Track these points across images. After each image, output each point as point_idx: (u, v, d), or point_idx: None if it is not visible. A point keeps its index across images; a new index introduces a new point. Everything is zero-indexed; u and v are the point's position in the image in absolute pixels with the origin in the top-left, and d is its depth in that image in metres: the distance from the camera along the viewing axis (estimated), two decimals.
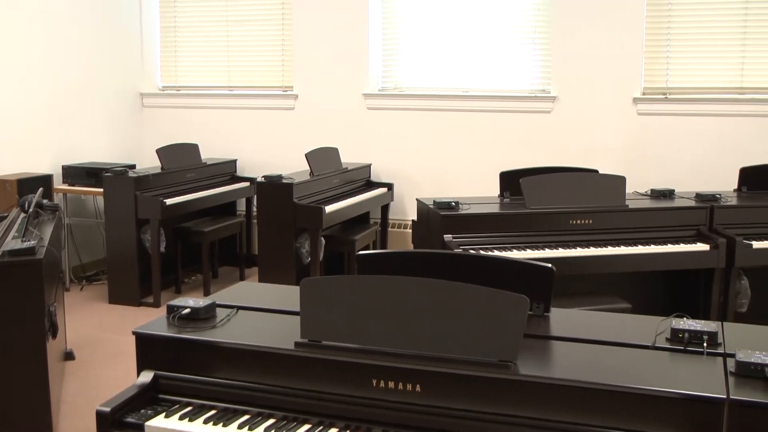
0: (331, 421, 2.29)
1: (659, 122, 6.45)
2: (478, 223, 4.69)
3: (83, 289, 6.71)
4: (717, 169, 6.22)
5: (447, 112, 6.99)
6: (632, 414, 2.06)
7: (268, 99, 7.56)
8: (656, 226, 4.90)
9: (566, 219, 4.78)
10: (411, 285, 2.27)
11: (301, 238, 5.92)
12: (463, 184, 6.86)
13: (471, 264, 2.66)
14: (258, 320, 2.63)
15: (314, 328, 2.35)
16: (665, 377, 2.12)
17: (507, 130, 6.82)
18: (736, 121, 6.26)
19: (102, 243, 6.89)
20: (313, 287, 2.35)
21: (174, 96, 7.89)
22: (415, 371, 2.21)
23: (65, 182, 6.68)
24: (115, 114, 7.56)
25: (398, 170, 7.18)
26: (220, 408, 2.40)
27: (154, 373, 2.48)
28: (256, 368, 2.38)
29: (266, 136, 7.56)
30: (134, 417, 2.36)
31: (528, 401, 2.13)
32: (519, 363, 2.20)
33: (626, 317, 2.74)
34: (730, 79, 6.32)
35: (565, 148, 6.64)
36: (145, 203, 6.06)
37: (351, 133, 7.28)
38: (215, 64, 7.78)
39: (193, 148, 7.01)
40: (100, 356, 5.09)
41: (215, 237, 6.74)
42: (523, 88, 6.86)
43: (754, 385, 2.07)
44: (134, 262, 6.17)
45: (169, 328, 2.53)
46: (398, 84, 7.23)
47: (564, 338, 2.45)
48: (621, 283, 5.07)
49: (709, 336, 2.34)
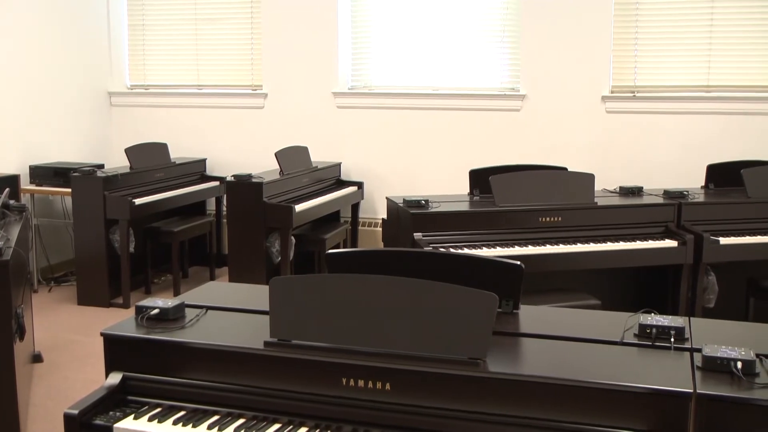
0: (301, 420, 2.28)
1: (628, 120, 6.51)
2: (447, 221, 4.70)
3: (51, 291, 6.65)
4: (685, 166, 6.28)
5: (417, 111, 7.00)
6: (601, 409, 2.07)
7: (238, 98, 7.53)
8: (625, 223, 4.94)
9: (536, 216, 4.80)
10: (380, 283, 2.27)
11: (271, 238, 5.90)
12: (432, 182, 6.88)
13: (440, 262, 2.66)
14: (227, 320, 2.62)
15: (284, 327, 2.34)
16: (633, 372, 2.14)
17: (476, 128, 6.85)
18: (703, 118, 6.33)
19: (70, 244, 6.83)
20: (282, 286, 2.35)
21: (142, 95, 7.83)
22: (385, 369, 2.21)
23: (32, 182, 6.61)
24: (83, 113, 7.49)
25: (368, 169, 7.18)
26: (190, 409, 2.39)
27: (122, 374, 2.46)
28: (225, 368, 2.36)
29: (236, 135, 7.53)
30: (103, 419, 2.34)
31: (498, 398, 2.14)
32: (488, 360, 2.20)
33: (595, 313, 2.76)
34: (697, 77, 6.38)
35: (535, 145, 6.68)
36: (113, 203, 6.01)
37: (321, 131, 7.26)
38: (184, 62, 7.74)
39: (162, 147, 6.96)
40: (68, 358, 5.05)
41: (185, 237, 6.70)
42: (492, 86, 6.88)
43: (721, 379, 2.09)
44: (103, 262, 6.11)
45: (138, 329, 2.51)
46: (368, 83, 7.23)
47: (533, 335, 2.46)
48: (590, 280, 5.10)
49: (677, 331, 2.36)
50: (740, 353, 2.15)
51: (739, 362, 2.11)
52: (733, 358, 2.12)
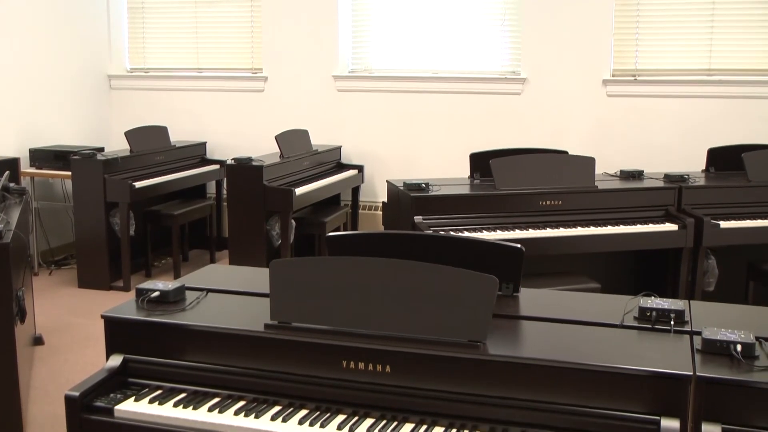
0: (301, 402, 2.29)
1: (628, 104, 6.49)
2: (448, 204, 4.70)
3: (52, 274, 6.65)
4: (685, 149, 6.27)
5: (417, 94, 6.98)
6: (601, 392, 2.08)
7: (238, 81, 7.51)
8: (625, 207, 4.94)
9: (536, 200, 4.79)
10: (381, 266, 2.27)
11: (271, 221, 5.90)
12: (433, 165, 6.87)
13: (440, 245, 2.66)
14: (227, 303, 2.62)
15: (284, 309, 2.34)
16: (633, 355, 2.14)
17: (477, 111, 6.83)
18: (704, 102, 6.31)
19: (71, 227, 6.82)
20: (282, 269, 2.35)
21: (142, 78, 7.81)
22: (385, 352, 2.21)
23: (32, 165, 6.60)
24: (83, 96, 7.47)
25: (369, 152, 7.17)
26: (190, 391, 2.39)
27: (123, 356, 2.47)
28: (225, 351, 2.37)
29: (236, 119, 7.52)
30: (104, 401, 2.35)
31: (497, 380, 2.14)
32: (488, 343, 2.21)
33: (595, 296, 2.77)
34: (699, 60, 6.36)
35: (535, 129, 6.67)
36: (113, 186, 6.01)
37: (321, 115, 7.25)
38: (183, 45, 7.71)
39: (162, 130, 6.95)
40: (69, 341, 5.06)
41: (185, 220, 6.70)
42: (493, 69, 6.86)
43: (720, 361, 2.09)
44: (103, 245, 6.12)
45: (138, 311, 2.52)
46: (368, 66, 7.21)
47: (533, 318, 2.46)
48: (590, 264, 5.11)
49: (676, 314, 2.37)
50: (740, 336, 2.15)
51: (738, 345, 2.11)
52: (732, 341, 2.13)
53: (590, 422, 2.08)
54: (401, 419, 2.20)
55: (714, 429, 1.99)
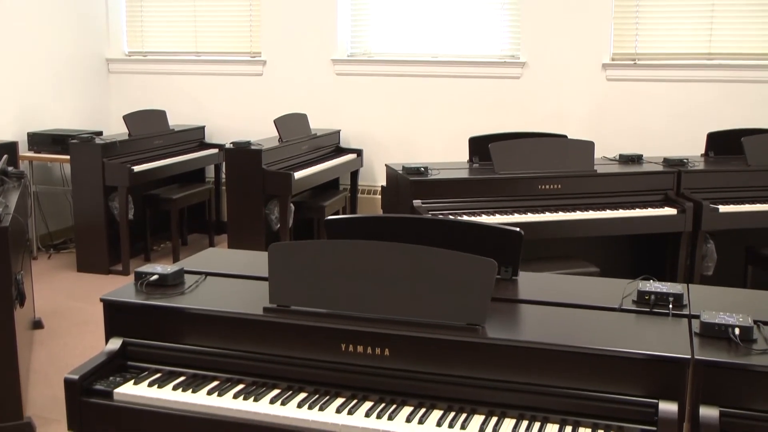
0: (300, 385, 2.30)
1: (628, 88, 6.47)
2: (447, 188, 4.69)
3: (51, 258, 6.65)
4: (685, 134, 6.27)
5: (416, 78, 6.96)
6: (599, 375, 2.08)
7: (236, 65, 7.48)
8: (624, 191, 4.93)
9: (535, 184, 4.79)
10: (379, 249, 2.27)
11: (270, 205, 5.89)
12: (432, 149, 6.86)
13: (439, 228, 2.66)
14: (226, 286, 2.62)
15: (283, 293, 2.34)
16: (631, 338, 2.15)
17: (476, 95, 6.82)
18: (704, 86, 6.29)
19: (69, 211, 6.81)
20: (281, 252, 2.34)
21: (140, 62, 7.78)
22: (384, 335, 2.21)
23: (31, 149, 6.58)
24: (81, 80, 7.45)
25: (367, 136, 7.16)
26: (189, 374, 2.40)
27: (122, 340, 2.47)
28: (224, 334, 2.37)
29: (234, 103, 7.50)
30: (103, 384, 2.35)
31: (496, 364, 2.15)
32: (487, 326, 2.21)
33: (593, 280, 2.77)
34: (699, 44, 6.34)
35: (534, 113, 6.65)
36: (112, 170, 6.00)
37: (320, 99, 7.23)
38: (182, 29, 7.68)
39: (160, 114, 6.94)
40: (68, 325, 5.06)
41: (184, 204, 6.69)
42: (492, 53, 6.84)
43: (718, 345, 2.10)
44: (102, 229, 6.12)
45: (137, 294, 2.52)
46: (367, 50, 7.19)
47: (532, 301, 2.46)
48: (589, 248, 5.11)
49: (675, 298, 2.37)
50: (738, 319, 2.15)
51: (736, 328, 2.11)
52: (730, 324, 2.13)
53: (588, 405, 2.08)
54: (400, 402, 2.21)
55: (712, 412, 2.00)
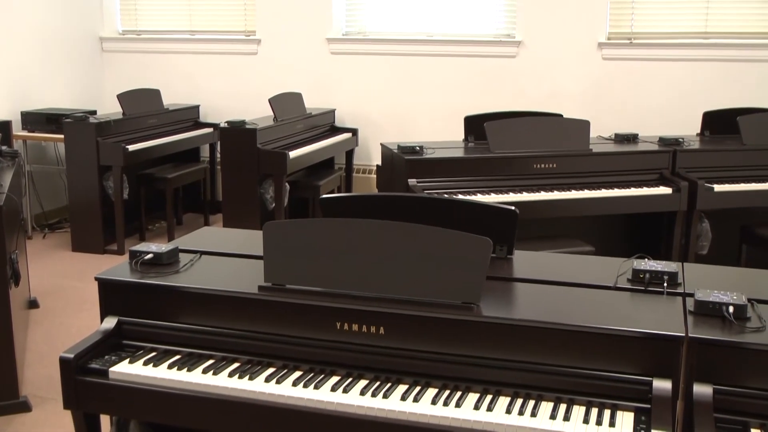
0: (295, 364, 2.30)
1: (624, 67, 6.46)
2: (442, 167, 4.68)
3: (46, 237, 6.64)
4: (681, 113, 6.26)
5: (411, 57, 6.94)
6: (594, 353, 2.09)
7: (231, 44, 7.45)
8: (620, 170, 4.93)
9: (530, 163, 4.78)
10: (374, 228, 2.27)
11: (265, 184, 5.88)
12: (427, 128, 6.84)
13: (434, 207, 2.66)
14: (221, 265, 2.62)
15: (278, 271, 2.34)
16: (626, 317, 2.15)
17: (472, 74, 6.79)
18: (700, 65, 6.28)
19: (64, 190, 6.80)
20: (276, 231, 2.34)
21: (134, 40, 7.74)
22: (379, 314, 2.22)
23: (24, 129, 6.55)
24: (75, 59, 7.41)
25: (363, 115, 7.14)
26: (185, 353, 2.40)
27: (117, 319, 2.47)
28: (219, 313, 2.37)
29: (229, 82, 7.47)
30: (98, 363, 2.35)
31: (491, 342, 2.15)
32: (482, 305, 2.21)
33: (588, 259, 2.77)
34: (695, 23, 6.32)
35: (530, 92, 6.64)
36: (106, 150, 5.98)
37: (315, 78, 7.21)
38: (176, 7, 7.63)
39: (154, 93, 6.91)
40: (64, 304, 5.06)
41: (179, 183, 6.68)
42: (488, 32, 6.81)
43: (712, 323, 2.10)
44: (97, 209, 6.10)
45: (132, 273, 2.51)
46: (362, 28, 7.15)
47: (527, 280, 2.46)
48: (584, 227, 5.11)
49: (670, 276, 2.37)
50: (732, 298, 2.16)
51: (731, 306, 2.12)
52: (725, 302, 2.13)
53: (583, 383, 2.09)
54: (395, 380, 2.21)
55: (705, 389, 2.01)
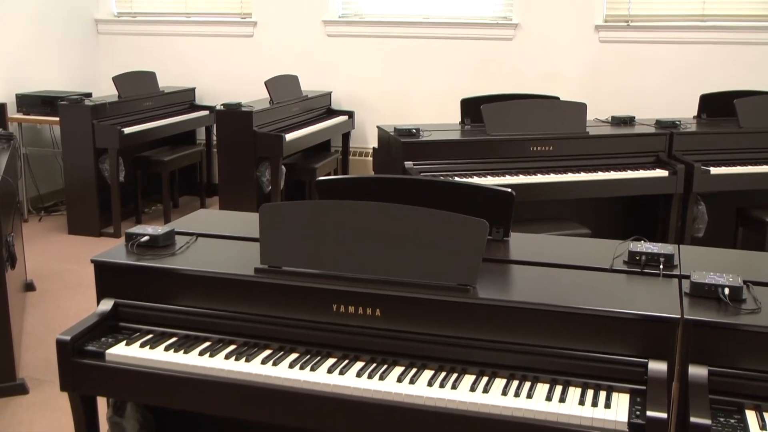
0: (291, 345, 2.30)
1: (621, 50, 6.44)
2: (439, 150, 4.67)
3: (42, 220, 6.64)
4: (677, 96, 6.25)
5: (408, 39, 6.91)
6: (590, 335, 2.09)
7: (227, 26, 7.42)
8: (616, 153, 4.92)
9: (527, 146, 4.78)
10: (370, 210, 2.27)
11: (261, 167, 5.87)
12: (424, 111, 6.83)
13: (431, 189, 2.66)
14: (218, 247, 2.62)
15: (274, 254, 2.34)
16: (622, 298, 2.15)
17: (468, 57, 6.78)
18: (697, 48, 6.27)
19: (60, 173, 6.78)
20: (272, 213, 2.34)
21: (129, 23, 7.70)
22: (375, 295, 2.22)
23: (20, 111, 6.53)
24: (70, 41, 7.37)
25: (359, 98, 7.13)
26: (181, 335, 2.40)
27: (114, 301, 2.47)
28: (216, 295, 2.37)
29: (225, 64, 7.44)
30: (95, 345, 2.35)
31: (487, 324, 2.15)
32: (478, 286, 2.21)
33: (585, 241, 2.77)
34: (692, 6, 6.31)
35: (527, 75, 6.62)
36: (102, 132, 5.96)
37: (311, 60, 7.18)
38: None
39: (150, 76, 6.88)
40: (60, 287, 5.06)
41: (175, 166, 6.67)
42: (484, 15, 6.79)
43: (708, 305, 2.11)
44: (93, 192, 6.09)
45: (128, 256, 2.51)
46: (358, 11, 7.12)
47: (523, 262, 2.47)
48: (581, 210, 5.11)
49: (666, 258, 2.37)
50: (728, 280, 2.16)
51: (726, 288, 2.12)
52: (720, 284, 2.14)
53: (578, 365, 2.10)
54: (391, 362, 2.22)
55: (701, 371, 2.01)
